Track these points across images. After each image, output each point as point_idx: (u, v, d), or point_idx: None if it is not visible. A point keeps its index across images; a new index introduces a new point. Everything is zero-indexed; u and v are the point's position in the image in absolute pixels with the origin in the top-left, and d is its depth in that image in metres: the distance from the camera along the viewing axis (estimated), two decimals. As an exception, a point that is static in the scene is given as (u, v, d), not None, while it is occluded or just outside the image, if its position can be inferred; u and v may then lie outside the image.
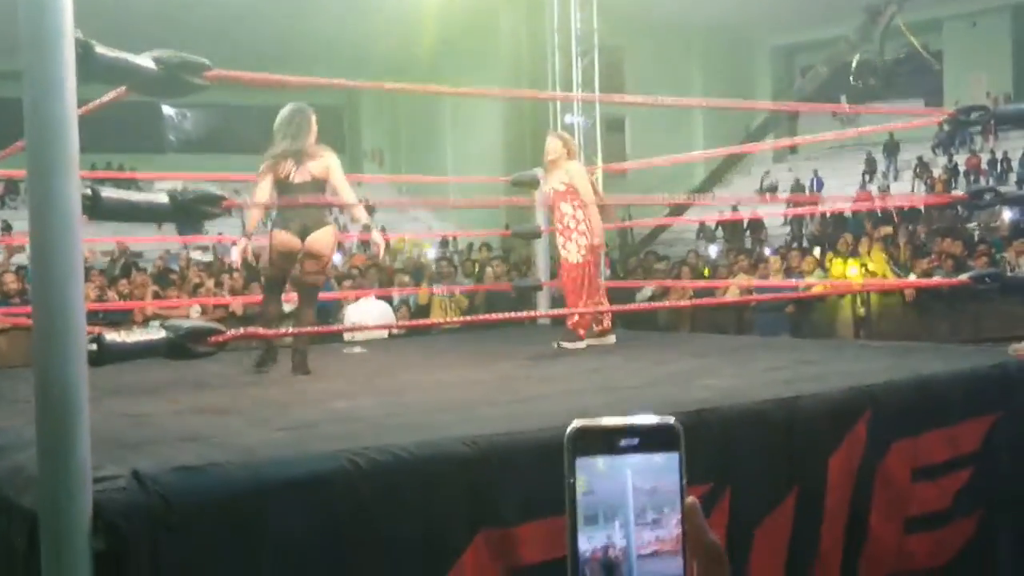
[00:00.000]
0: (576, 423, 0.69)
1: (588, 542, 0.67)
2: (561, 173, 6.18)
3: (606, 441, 0.69)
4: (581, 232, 6.09)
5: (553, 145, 6.23)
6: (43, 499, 2.29)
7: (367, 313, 8.20)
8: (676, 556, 0.68)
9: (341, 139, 27.46)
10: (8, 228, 17.86)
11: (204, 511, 2.43)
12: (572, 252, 6.12)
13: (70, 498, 2.26)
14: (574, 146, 6.44)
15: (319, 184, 5.11)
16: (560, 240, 6.26)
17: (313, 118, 5.21)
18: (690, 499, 0.70)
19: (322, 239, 5.09)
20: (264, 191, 5.08)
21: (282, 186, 5.06)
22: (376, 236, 5.54)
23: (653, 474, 0.69)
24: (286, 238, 5.06)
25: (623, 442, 0.69)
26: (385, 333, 7.89)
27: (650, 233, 18.88)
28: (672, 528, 0.69)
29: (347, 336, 7.56)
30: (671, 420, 0.70)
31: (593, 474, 0.67)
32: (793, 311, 9.16)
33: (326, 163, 5.14)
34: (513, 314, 6.62)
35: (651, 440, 0.69)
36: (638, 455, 0.68)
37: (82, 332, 2.37)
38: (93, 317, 8.09)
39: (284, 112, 5.14)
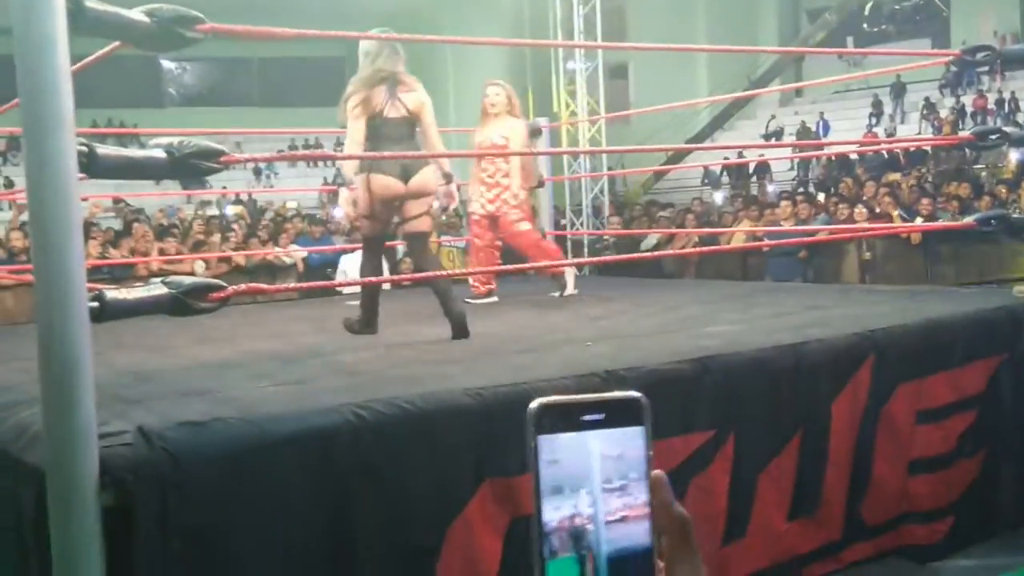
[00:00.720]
0: (538, 401, 0.68)
1: (555, 511, 0.66)
2: (503, 127, 5.99)
3: (570, 417, 0.68)
4: (505, 187, 5.97)
5: (499, 97, 6.03)
6: (49, 456, 2.30)
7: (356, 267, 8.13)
8: (645, 521, 0.68)
9: (342, 91, 27.26)
10: (10, 184, 17.83)
11: (210, 466, 2.44)
12: (500, 206, 6.00)
13: (76, 454, 2.27)
14: (518, 102, 6.20)
15: (412, 122, 4.57)
16: (481, 190, 6.09)
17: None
18: (656, 472, 0.69)
19: (428, 178, 4.58)
20: (361, 131, 4.48)
21: (374, 123, 4.49)
22: (453, 188, 4.93)
23: (619, 443, 0.68)
24: (387, 182, 4.49)
25: (587, 417, 0.68)
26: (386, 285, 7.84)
27: (646, 180, 18.79)
28: (639, 495, 0.68)
29: (346, 290, 7.54)
30: (636, 394, 0.69)
31: (556, 447, 0.67)
32: (806, 256, 9.13)
33: (420, 98, 4.57)
34: (516, 266, 6.60)
35: (616, 414, 0.68)
36: (603, 430, 0.68)
37: (83, 289, 2.36)
38: (97, 273, 8.11)
39: (374, 32, 4.51)
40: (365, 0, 21.03)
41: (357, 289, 7.54)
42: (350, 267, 8.23)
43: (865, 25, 13.68)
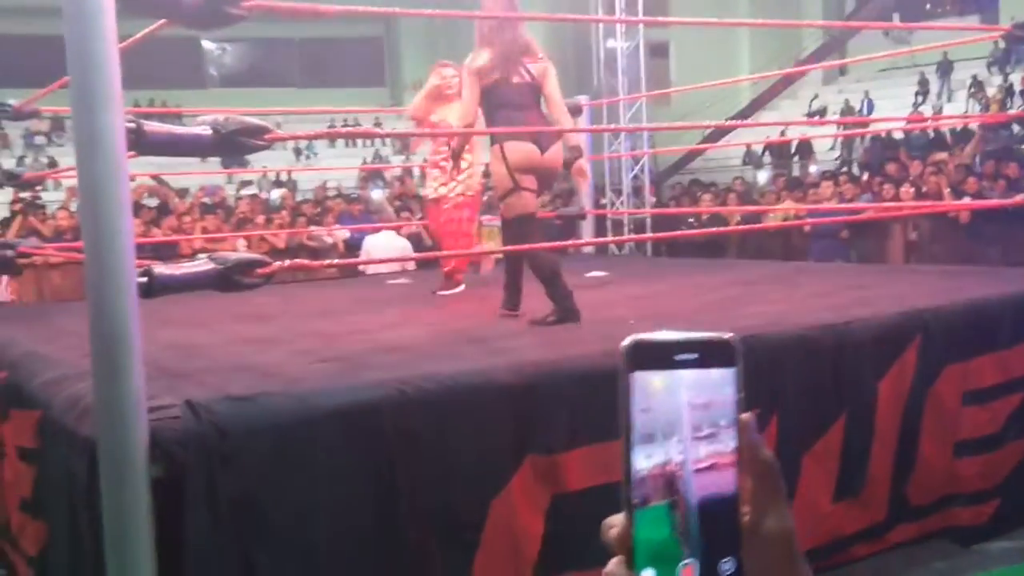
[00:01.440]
0: (632, 337, 0.67)
1: (646, 460, 0.66)
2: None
3: (662, 356, 0.67)
4: (461, 169, 5.61)
5: (456, 79, 5.60)
6: (101, 427, 2.34)
7: (384, 248, 8.16)
8: (732, 469, 0.68)
9: (381, 71, 27.27)
10: (54, 164, 18.08)
11: (256, 439, 2.48)
12: (451, 189, 5.68)
13: (126, 427, 2.31)
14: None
15: (536, 89, 4.25)
16: (435, 174, 5.79)
17: None
18: (745, 415, 0.68)
19: (559, 152, 4.26)
20: (474, 102, 4.24)
21: (495, 89, 4.19)
22: (584, 164, 4.53)
23: (709, 389, 0.68)
24: (528, 149, 4.12)
25: (680, 357, 0.67)
26: (398, 267, 7.82)
27: (678, 160, 18.59)
28: (728, 442, 0.68)
29: (383, 268, 7.57)
30: (728, 335, 0.69)
31: (648, 392, 0.66)
32: (847, 236, 9.02)
33: (544, 65, 4.28)
34: (557, 243, 6.59)
35: (708, 355, 0.68)
36: (695, 370, 0.67)
37: (132, 264, 2.40)
38: (141, 251, 8.20)
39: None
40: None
41: (393, 267, 7.60)
42: (373, 247, 8.24)
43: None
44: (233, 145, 2.96)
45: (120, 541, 2.31)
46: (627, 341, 0.67)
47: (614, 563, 0.67)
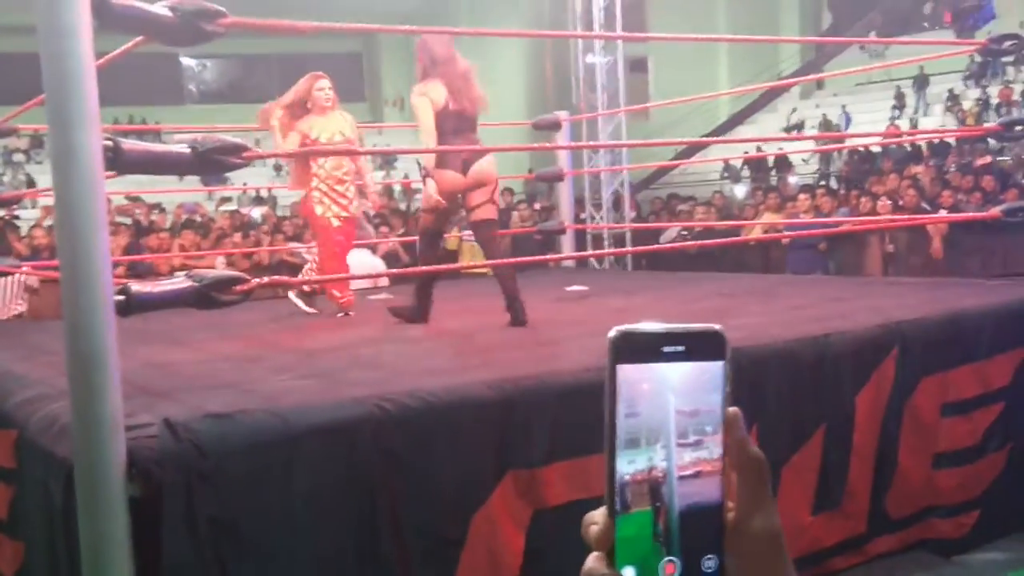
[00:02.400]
0: (619, 328, 0.67)
1: (629, 465, 0.66)
2: (342, 122, 5.60)
3: (649, 348, 0.66)
4: (343, 193, 5.45)
5: (331, 91, 5.64)
6: (77, 447, 2.32)
7: (357, 265, 8.13)
8: (718, 472, 0.67)
9: (360, 87, 27.29)
10: (32, 183, 17.96)
11: (235, 457, 2.46)
12: (334, 210, 5.41)
13: (103, 446, 2.29)
14: None
15: (474, 116, 4.73)
16: (340, 189, 5.45)
17: None
18: (732, 409, 0.67)
19: (490, 166, 4.67)
20: (432, 126, 4.58)
21: (440, 118, 4.58)
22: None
23: (697, 391, 0.67)
24: (453, 176, 4.58)
25: (667, 349, 0.67)
26: (371, 283, 7.80)
27: (653, 173, 18.62)
28: (715, 444, 0.67)
29: (362, 284, 7.55)
30: (716, 327, 0.68)
31: (635, 395, 0.66)
32: (826, 248, 9.08)
33: (481, 94, 4.78)
34: (537, 257, 6.61)
35: (696, 348, 0.67)
36: (682, 368, 0.66)
37: (109, 283, 2.38)
38: (117, 269, 8.17)
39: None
40: (385, -4, 21.07)
41: (370, 283, 7.58)
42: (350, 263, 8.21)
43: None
44: (211, 163, 2.95)
45: (97, 561, 2.29)
46: (613, 332, 0.66)
47: (593, 559, 0.66)
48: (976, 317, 4.00)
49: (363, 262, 8.20)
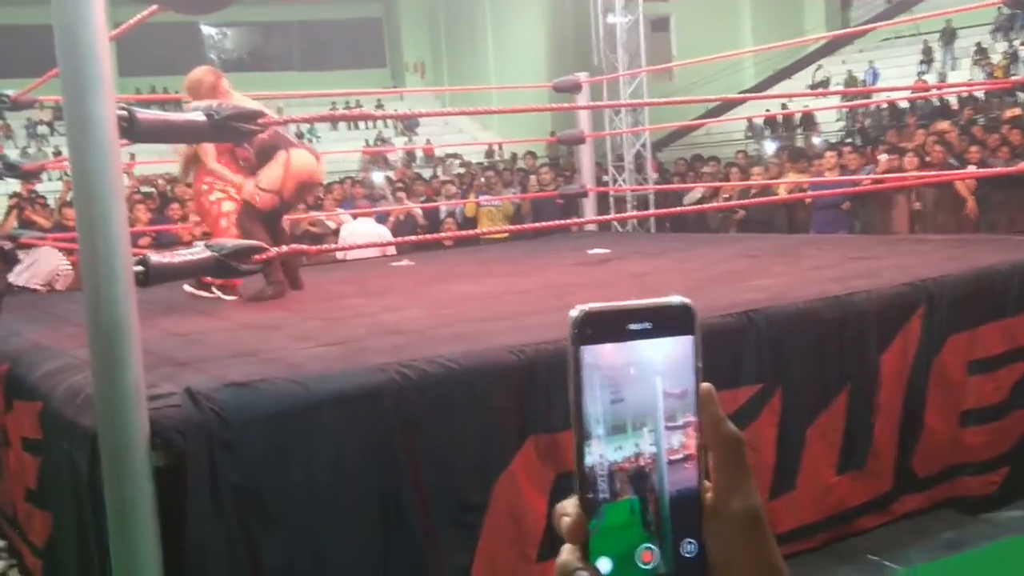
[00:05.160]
0: (581, 307, 0.64)
1: (616, 452, 0.63)
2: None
3: (614, 326, 0.63)
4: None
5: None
6: (101, 418, 2.34)
7: (364, 234, 8.13)
8: (696, 453, 0.65)
9: (381, 52, 27.18)
10: (59, 154, 18.08)
11: (257, 425, 2.47)
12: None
13: (126, 416, 2.30)
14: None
15: None
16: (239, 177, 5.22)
17: None
18: (705, 386, 0.64)
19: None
20: None
21: None
22: None
23: (681, 371, 0.64)
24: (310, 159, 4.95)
25: (633, 326, 0.64)
26: (379, 251, 7.78)
27: (675, 131, 18.42)
28: (688, 409, 0.64)
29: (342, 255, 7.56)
30: (685, 300, 0.65)
31: (620, 379, 0.63)
32: (850, 207, 8.97)
33: None
34: (559, 222, 6.58)
35: (664, 324, 0.65)
36: (650, 340, 0.64)
37: (127, 253, 2.39)
38: (148, 240, 8.22)
39: None
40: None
41: (374, 252, 7.55)
42: (352, 234, 8.22)
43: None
44: (227, 130, 2.95)
45: (124, 531, 2.31)
46: (575, 311, 0.63)
47: (567, 552, 0.64)
48: (1003, 274, 3.94)
49: (371, 231, 8.21)
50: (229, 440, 2.41)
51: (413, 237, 7.39)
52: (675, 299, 0.65)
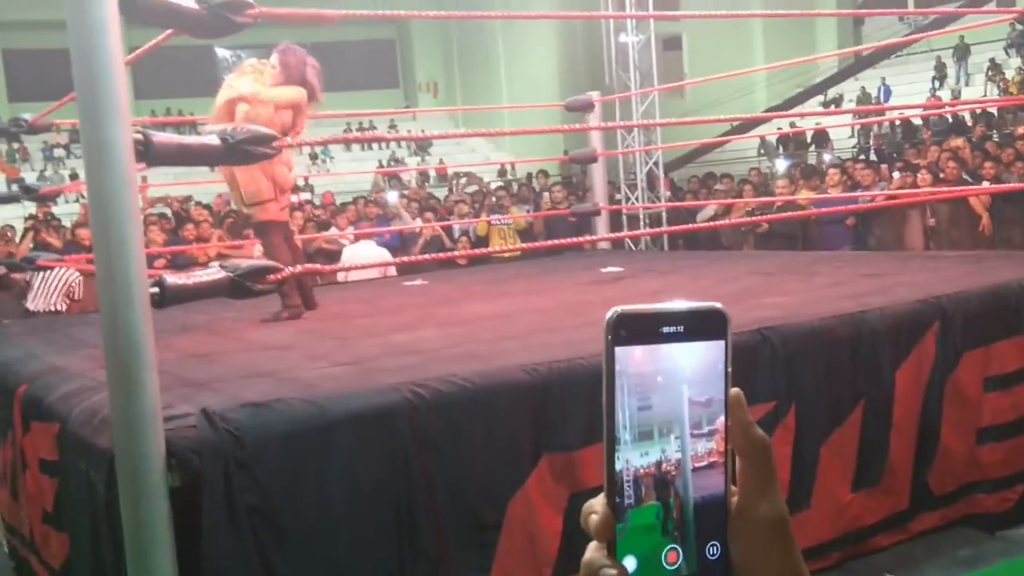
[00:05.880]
0: (615, 309, 0.65)
1: (642, 457, 0.64)
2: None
3: (648, 329, 0.64)
4: None
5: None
6: (117, 439, 2.36)
7: (364, 257, 8.12)
8: (722, 463, 0.66)
9: (394, 73, 27.34)
10: (76, 177, 18.22)
11: (272, 445, 2.48)
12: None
13: (143, 437, 2.32)
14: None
15: None
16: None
17: None
18: (734, 390, 0.65)
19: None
20: None
21: None
22: None
23: (708, 379, 0.65)
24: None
25: (666, 329, 0.65)
26: (377, 273, 7.80)
27: (689, 152, 18.42)
28: (718, 412, 0.65)
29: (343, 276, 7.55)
30: (717, 305, 0.66)
31: (648, 387, 0.64)
32: (855, 223, 8.96)
33: None
34: (572, 239, 6.58)
35: (697, 327, 0.65)
36: (690, 349, 0.65)
37: (143, 275, 2.41)
38: (164, 262, 8.27)
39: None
40: (415, -20, 21.05)
41: (379, 272, 7.53)
42: (352, 257, 8.19)
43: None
44: (242, 154, 2.98)
45: (140, 551, 2.33)
46: (611, 313, 0.64)
47: (593, 549, 0.65)
48: (1018, 290, 3.92)
49: (370, 254, 8.19)
50: (245, 460, 2.42)
51: (427, 256, 7.39)
52: (708, 304, 0.66)
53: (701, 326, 0.65)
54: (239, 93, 4.79)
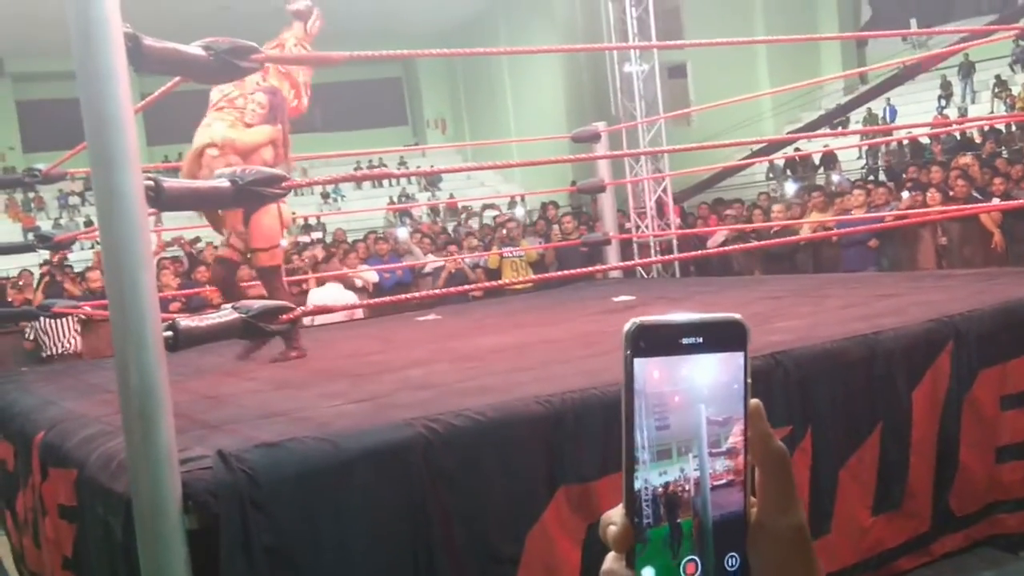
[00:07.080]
0: (635, 320, 0.66)
1: (660, 477, 0.65)
2: (203, 132, 5.05)
3: (667, 340, 0.64)
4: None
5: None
6: (134, 483, 2.37)
7: (332, 300, 8.06)
8: (741, 454, 0.66)
9: (402, 110, 27.55)
10: (90, 223, 18.36)
11: (288, 485, 2.49)
12: None
13: (159, 481, 2.33)
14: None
15: None
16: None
17: None
18: (754, 401, 0.65)
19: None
20: None
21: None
22: None
23: (726, 397, 0.65)
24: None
25: (686, 340, 0.65)
26: (346, 315, 7.72)
27: (699, 182, 18.46)
28: (737, 425, 0.65)
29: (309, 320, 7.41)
30: (736, 316, 0.66)
31: (666, 407, 0.65)
32: (877, 245, 8.94)
33: None
34: (583, 269, 6.59)
35: (715, 339, 0.66)
36: (707, 363, 0.65)
37: (157, 319, 2.43)
38: (173, 304, 8.31)
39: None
40: (418, 17, 21.25)
41: (346, 315, 7.45)
42: (320, 300, 8.11)
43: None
44: (252, 195, 3.00)
45: (159, 595, 2.33)
46: (629, 324, 0.65)
47: (612, 560, 0.65)
48: (1033, 306, 3.91)
49: (338, 297, 8.11)
50: (261, 500, 2.43)
51: (438, 291, 7.41)
52: (727, 315, 0.66)
53: (720, 337, 0.65)
54: (211, 139, 4.77)
